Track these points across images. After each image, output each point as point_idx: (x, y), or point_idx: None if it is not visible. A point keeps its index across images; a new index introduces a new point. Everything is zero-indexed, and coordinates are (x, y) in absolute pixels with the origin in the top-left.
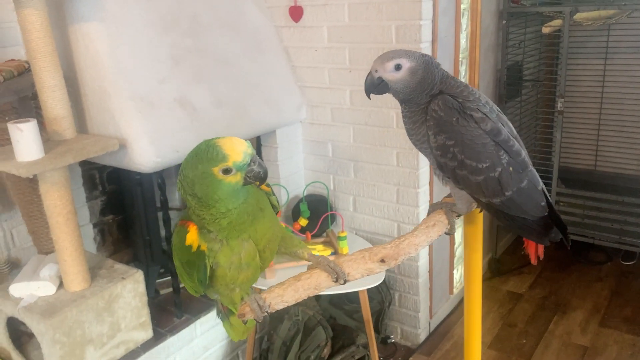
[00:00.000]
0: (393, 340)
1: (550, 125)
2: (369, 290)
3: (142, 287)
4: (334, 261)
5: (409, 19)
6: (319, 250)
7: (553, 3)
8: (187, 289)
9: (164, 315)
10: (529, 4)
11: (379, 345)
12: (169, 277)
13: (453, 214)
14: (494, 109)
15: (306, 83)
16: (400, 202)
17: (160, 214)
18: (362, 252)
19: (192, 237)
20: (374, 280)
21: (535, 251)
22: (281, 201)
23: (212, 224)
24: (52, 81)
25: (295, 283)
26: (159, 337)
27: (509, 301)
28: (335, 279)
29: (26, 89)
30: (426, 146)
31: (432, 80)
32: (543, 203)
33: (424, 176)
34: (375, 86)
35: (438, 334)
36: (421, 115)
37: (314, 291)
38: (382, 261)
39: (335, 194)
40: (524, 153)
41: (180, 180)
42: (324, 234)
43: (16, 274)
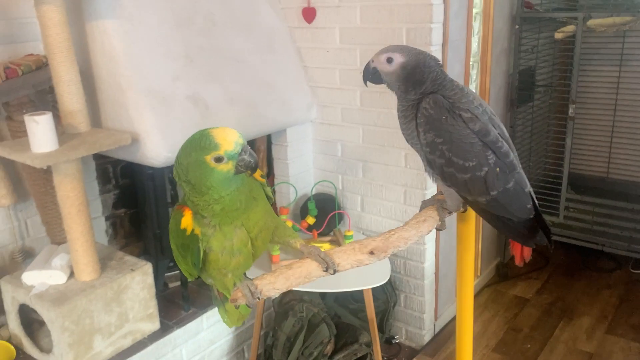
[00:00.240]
0: (397, 341)
1: (562, 131)
2: (374, 291)
3: (150, 279)
4: (324, 252)
5: (419, 21)
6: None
7: (567, 9)
8: (182, 272)
9: (172, 308)
10: (543, 9)
11: (383, 345)
12: (178, 271)
13: (444, 210)
14: (487, 111)
15: (317, 83)
16: (407, 203)
17: (170, 209)
18: (352, 244)
19: (187, 221)
20: (379, 280)
21: (521, 253)
22: (290, 199)
23: (205, 209)
24: (68, 76)
25: (287, 271)
26: (165, 329)
27: (515, 305)
28: (325, 269)
29: (43, 82)
30: (416, 142)
31: (421, 79)
32: (529, 205)
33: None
34: (369, 74)
35: (443, 335)
36: (412, 111)
37: (304, 280)
38: (372, 253)
39: (343, 194)
40: (512, 155)
41: (175, 167)
42: (331, 233)
43: (29, 262)
